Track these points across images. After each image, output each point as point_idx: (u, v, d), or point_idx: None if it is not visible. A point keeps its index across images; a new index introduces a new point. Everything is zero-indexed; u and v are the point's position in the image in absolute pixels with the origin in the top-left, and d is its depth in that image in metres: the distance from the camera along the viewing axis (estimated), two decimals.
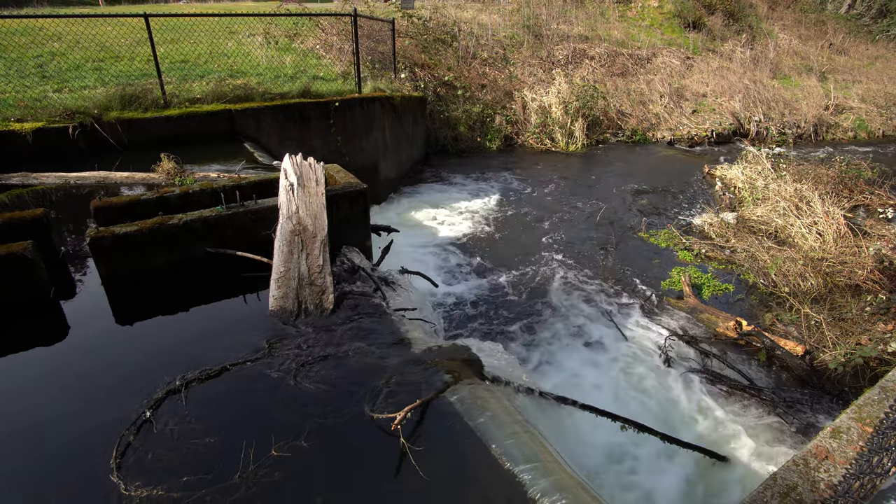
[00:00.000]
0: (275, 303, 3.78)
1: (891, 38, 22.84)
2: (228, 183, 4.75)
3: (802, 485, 2.24)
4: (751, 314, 6.17)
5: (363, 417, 2.86)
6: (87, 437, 2.69)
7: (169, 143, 6.56)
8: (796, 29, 22.05)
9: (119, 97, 6.88)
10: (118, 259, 3.87)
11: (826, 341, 5.32)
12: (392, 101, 9.52)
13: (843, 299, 6.08)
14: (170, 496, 2.34)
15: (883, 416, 1.77)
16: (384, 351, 3.44)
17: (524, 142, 13.64)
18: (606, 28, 18.57)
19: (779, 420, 4.52)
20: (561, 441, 3.16)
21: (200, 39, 9.93)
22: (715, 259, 7.47)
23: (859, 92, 17.45)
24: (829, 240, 7.16)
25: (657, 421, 4.43)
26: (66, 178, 5.47)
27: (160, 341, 3.54)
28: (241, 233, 4.29)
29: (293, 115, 7.95)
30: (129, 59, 8.99)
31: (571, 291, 6.63)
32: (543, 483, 2.45)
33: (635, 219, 9.06)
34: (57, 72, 7.97)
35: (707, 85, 16.44)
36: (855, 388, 4.82)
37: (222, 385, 3.07)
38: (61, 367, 3.24)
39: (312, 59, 10.78)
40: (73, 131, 6.30)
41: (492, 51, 15.21)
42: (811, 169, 9.32)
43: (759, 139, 14.86)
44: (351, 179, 4.97)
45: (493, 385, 3.37)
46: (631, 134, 14.62)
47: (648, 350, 5.51)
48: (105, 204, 4.20)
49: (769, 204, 8.38)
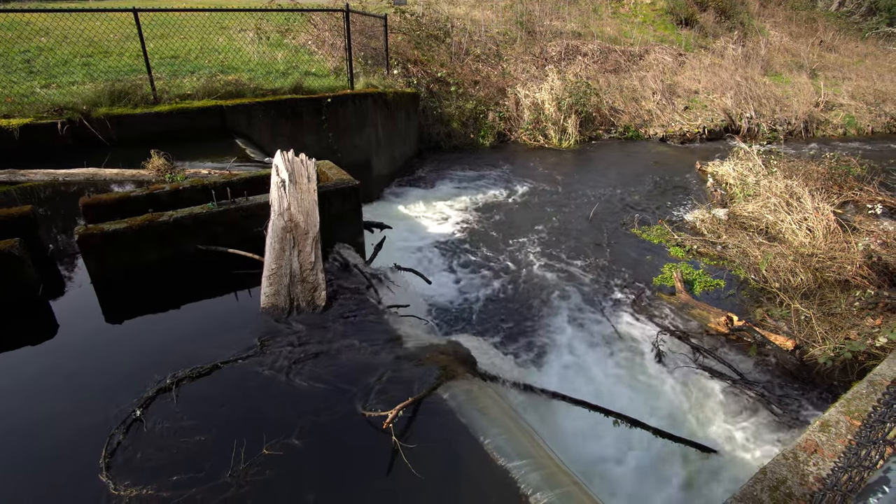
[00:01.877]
0: (266, 300, 3.76)
1: (880, 35, 23.03)
2: (219, 180, 4.72)
3: (792, 478, 2.26)
4: (742, 309, 6.21)
5: (355, 415, 2.85)
6: (76, 436, 2.67)
7: (159, 139, 6.49)
8: (787, 26, 22.19)
9: (108, 93, 6.80)
10: (108, 257, 3.83)
11: (816, 336, 5.37)
12: (385, 98, 9.48)
13: (833, 294, 6.14)
14: (160, 495, 2.32)
15: (871, 409, 1.79)
16: (376, 348, 3.43)
17: (517, 138, 13.64)
18: (599, 24, 18.58)
19: (769, 414, 4.56)
20: (554, 437, 3.17)
21: (191, 34, 9.84)
22: (707, 255, 7.51)
23: (849, 89, 17.60)
24: (818, 236, 7.22)
25: (649, 415, 4.46)
26: (54, 174, 5.40)
27: (150, 339, 3.51)
28: (233, 230, 4.26)
29: (285, 112, 7.90)
30: (118, 54, 8.89)
31: (564, 287, 6.65)
32: (535, 478, 2.46)
33: (628, 215, 9.09)
34: (44, 67, 7.87)
35: (699, 82, 16.50)
36: (844, 382, 4.87)
37: (213, 383, 3.05)
38: (50, 367, 3.20)
39: (304, 54, 10.71)
40: (61, 127, 6.22)
41: (485, 47, 15.18)
42: (801, 165, 9.38)
43: (750, 136, 14.94)
44: (343, 176, 4.94)
45: (485, 381, 3.37)
46: (623, 130, 14.66)
47: (640, 345, 5.53)
48: (94, 201, 4.16)
49: (760, 200, 8.43)
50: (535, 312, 6.10)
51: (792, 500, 2.14)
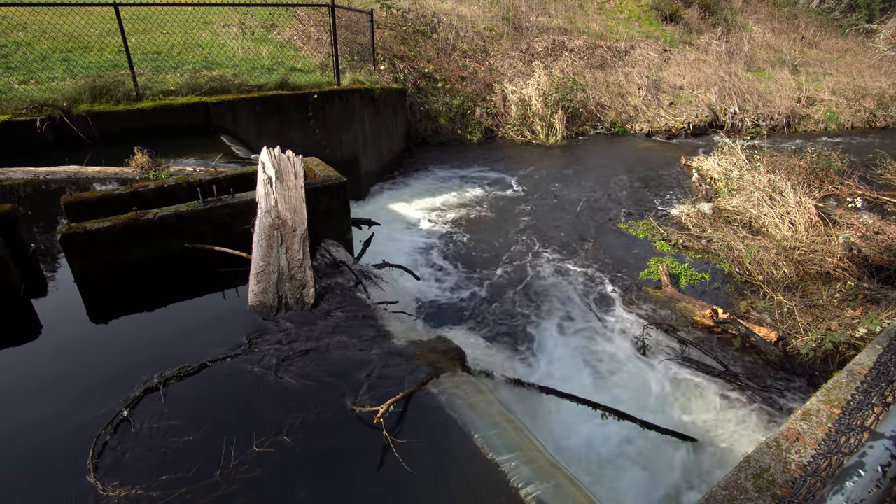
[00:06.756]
0: (254, 298, 3.74)
1: (859, 32, 23.42)
2: (205, 177, 4.67)
3: (775, 466, 2.31)
4: (726, 302, 6.31)
5: (345, 411, 2.85)
6: (62, 437, 2.64)
7: (142, 136, 6.39)
8: (769, 22, 22.47)
9: (89, 89, 6.68)
10: (91, 256, 3.78)
11: (798, 328, 5.48)
12: (372, 94, 9.43)
13: (815, 286, 6.26)
14: (149, 495, 2.31)
15: (850, 397, 1.84)
16: (366, 344, 3.43)
17: (505, 134, 13.67)
18: (585, 20, 18.65)
19: (753, 404, 4.65)
20: (542, 430, 3.20)
21: (173, 30, 9.68)
22: (692, 249, 7.61)
23: (830, 84, 17.89)
24: (801, 229, 7.36)
25: (635, 408, 4.52)
26: (34, 172, 5.30)
27: (136, 339, 3.47)
28: (219, 227, 4.22)
29: (271, 108, 7.82)
30: (98, 49, 8.72)
31: (551, 282, 6.70)
32: (525, 471, 2.48)
33: (614, 210, 9.17)
34: (23, 63, 7.70)
35: (684, 77, 16.67)
36: (825, 371, 4.98)
37: (201, 382, 3.03)
38: (34, 368, 3.16)
39: (290, 50, 10.61)
40: (40, 125, 6.10)
41: (472, 43, 15.16)
42: (784, 160, 9.54)
43: (734, 131, 15.14)
44: (330, 172, 4.92)
45: (474, 376, 3.39)
46: (610, 126, 14.76)
47: (627, 338, 5.60)
48: (76, 199, 4.09)
49: (744, 194, 8.55)
50: (523, 307, 6.13)
51: (775, 486, 2.19)
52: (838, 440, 1.73)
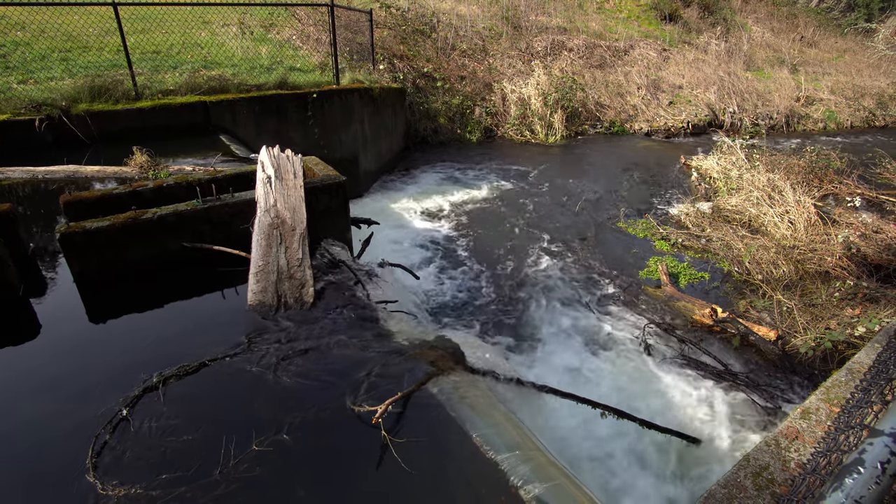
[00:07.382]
0: (253, 297, 3.73)
1: (858, 31, 23.43)
2: (204, 176, 4.66)
3: (774, 464, 2.32)
4: (726, 301, 6.31)
5: (345, 411, 2.85)
6: (62, 437, 2.63)
7: (141, 136, 6.38)
8: (769, 22, 22.48)
9: (88, 89, 6.67)
10: (90, 255, 3.77)
11: (797, 326, 5.48)
12: (371, 93, 9.43)
13: (814, 285, 6.27)
14: (148, 494, 2.31)
15: (849, 396, 1.84)
16: (365, 344, 3.43)
17: (504, 133, 13.66)
18: (584, 20, 18.65)
19: (752, 403, 4.65)
20: (543, 429, 3.20)
21: (172, 29, 9.67)
22: (691, 248, 7.61)
23: (829, 84, 17.91)
24: (800, 228, 7.36)
25: (634, 406, 4.52)
26: (33, 172, 5.29)
27: (135, 338, 3.47)
28: (218, 227, 4.21)
29: (270, 107, 7.82)
30: (97, 49, 8.71)
31: (551, 282, 6.70)
32: (525, 470, 2.48)
33: (614, 209, 9.17)
34: (21, 62, 7.68)
35: (683, 77, 16.67)
36: (824, 370, 4.98)
37: (201, 381, 3.02)
38: (33, 368, 3.15)
39: (289, 49, 10.60)
40: (39, 124, 6.09)
41: (471, 42, 15.16)
42: (783, 159, 9.54)
43: (733, 130, 15.14)
44: (330, 171, 4.92)
45: (474, 375, 3.39)
46: (609, 125, 14.76)
47: (627, 338, 5.60)
48: (75, 198, 4.09)
49: (743, 193, 8.56)
50: (523, 306, 6.13)
51: (774, 485, 2.20)
52: (837, 438, 1.73)
